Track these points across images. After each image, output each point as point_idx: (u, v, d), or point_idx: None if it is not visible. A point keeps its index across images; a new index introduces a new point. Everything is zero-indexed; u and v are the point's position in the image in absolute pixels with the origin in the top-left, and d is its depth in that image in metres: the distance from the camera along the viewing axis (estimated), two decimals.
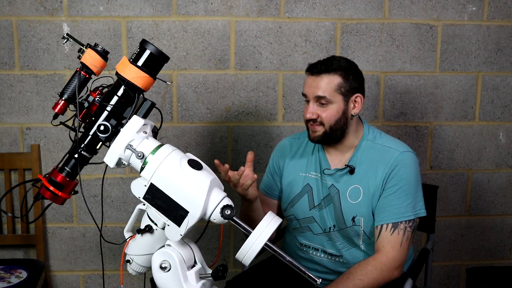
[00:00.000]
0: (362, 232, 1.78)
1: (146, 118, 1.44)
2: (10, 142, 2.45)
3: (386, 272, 1.71)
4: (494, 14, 2.52)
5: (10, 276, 2.21)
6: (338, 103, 1.75)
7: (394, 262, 1.72)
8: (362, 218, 1.77)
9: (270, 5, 2.42)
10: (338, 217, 1.81)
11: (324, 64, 1.75)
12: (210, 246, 2.59)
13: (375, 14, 2.47)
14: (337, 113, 1.75)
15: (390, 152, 1.77)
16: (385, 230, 1.73)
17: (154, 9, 2.39)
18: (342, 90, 1.74)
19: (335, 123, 1.75)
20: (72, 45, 2.37)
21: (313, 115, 1.75)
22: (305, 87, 1.79)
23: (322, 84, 1.73)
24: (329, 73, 1.73)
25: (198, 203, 1.33)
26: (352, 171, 1.79)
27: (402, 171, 1.74)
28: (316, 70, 1.75)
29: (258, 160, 2.54)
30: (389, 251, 1.72)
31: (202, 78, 2.45)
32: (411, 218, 1.73)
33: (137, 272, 1.50)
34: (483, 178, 2.66)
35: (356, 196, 1.78)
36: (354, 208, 1.78)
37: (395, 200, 1.73)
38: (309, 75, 1.78)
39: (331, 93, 1.73)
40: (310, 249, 1.88)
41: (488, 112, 2.60)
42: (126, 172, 2.51)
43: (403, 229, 1.72)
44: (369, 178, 1.77)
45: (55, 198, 1.45)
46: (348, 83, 1.75)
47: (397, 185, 1.74)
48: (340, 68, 1.75)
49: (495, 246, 2.74)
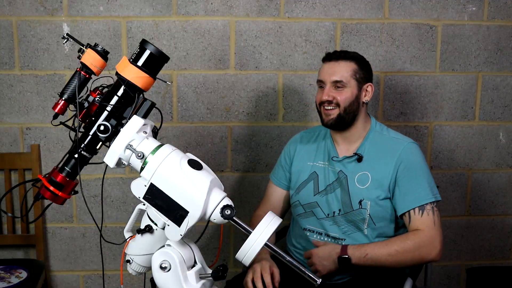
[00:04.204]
0: (368, 216, 1.85)
1: (146, 118, 1.43)
2: (10, 142, 2.45)
3: (425, 250, 1.78)
4: (494, 14, 2.52)
5: (10, 276, 2.21)
6: (352, 88, 1.88)
7: (433, 241, 1.79)
8: (369, 202, 1.85)
9: (270, 5, 2.42)
10: (345, 201, 1.88)
11: (342, 52, 1.93)
12: (210, 246, 2.59)
13: (375, 14, 2.47)
14: (351, 96, 1.87)
15: (399, 142, 1.89)
16: (415, 214, 1.81)
17: (154, 9, 2.39)
18: (357, 76, 1.88)
19: (349, 105, 1.87)
20: (72, 45, 2.37)
21: (329, 97, 1.87)
22: (322, 74, 1.91)
23: (340, 69, 1.88)
24: (346, 59, 1.89)
25: (198, 203, 1.33)
26: (360, 159, 1.89)
27: (412, 159, 1.86)
28: (335, 56, 1.90)
29: (258, 160, 2.54)
30: (426, 230, 1.79)
31: (202, 78, 2.45)
32: (433, 200, 1.82)
33: (137, 272, 1.50)
34: (483, 178, 2.66)
35: (364, 182, 1.87)
36: (362, 192, 1.86)
37: (414, 186, 1.82)
38: (326, 62, 1.92)
39: (347, 77, 1.87)
40: (313, 233, 1.94)
41: (488, 112, 2.60)
42: (126, 172, 2.51)
43: (431, 209, 1.81)
44: (378, 166, 1.86)
45: (55, 198, 1.45)
46: (362, 71, 1.90)
47: (412, 172, 1.83)
48: (355, 57, 1.91)
49: (495, 246, 2.74)
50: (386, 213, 1.87)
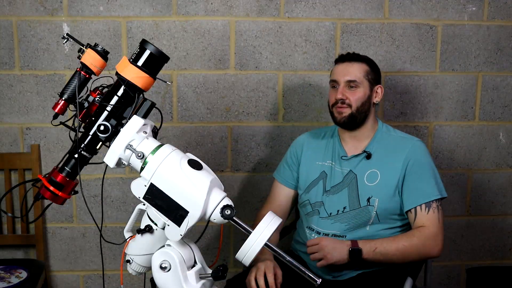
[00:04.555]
0: (374, 213, 1.88)
1: (146, 118, 1.43)
2: (10, 142, 2.45)
3: (429, 246, 1.85)
4: (494, 14, 2.52)
5: (10, 276, 2.21)
6: (364, 88, 1.94)
7: (436, 238, 1.85)
8: (377, 199, 1.88)
9: (270, 5, 2.42)
10: (353, 199, 1.91)
11: (355, 54, 2.00)
12: (210, 246, 2.59)
13: (375, 14, 2.47)
14: (364, 96, 1.93)
15: (406, 141, 1.95)
16: (421, 211, 1.86)
17: (154, 9, 2.39)
18: (369, 77, 1.95)
19: (361, 105, 1.92)
20: (72, 45, 2.37)
21: (343, 96, 1.92)
22: (336, 74, 1.97)
23: (353, 70, 1.94)
24: (360, 61, 1.96)
25: (198, 203, 1.33)
26: (369, 156, 1.94)
27: (421, 156, 1.91)
28: (348, 57, 1.98)
29: (258, 160, 2.54)
30: (430, 226, 1.86)
31: (202, 78, 2.45)
32: (439, 197, 1.88)
33: (137, 272, 1.50)
34: (483, 178, 2.66)
35: (374, 179, 1.90)
36: (371, 190, 1.89)
37: (421, 183, 1.87)
38: (339, 63, 1.99)
39: (360, 78, 1.93)
40: (313, 231, 1.95)
41: (488, 112, 2.60)
42: (126, 172, 2.51)
43: (436, 207, 1.87)
44: (387, 163, 1.90)
45: (55, 198, 1.45)
46: (373, 73, 1.98)
47: (420, 169, 1.88)
48: (367, 60, 1.99)
49: (495, 246, 2.74)
50: (393, 210, 1.90)
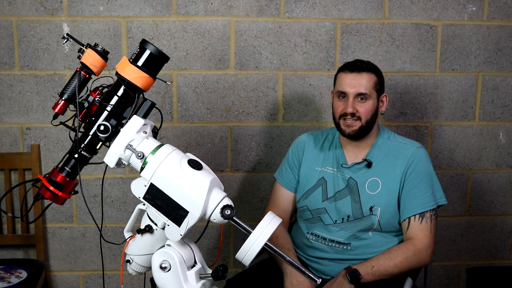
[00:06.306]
0: (377, 222, 1.87)
1: (146, 118, 1.44)
2: (10, 142, 2.45)
3: (422, 257, 1.85)
4: (494, 14, 2.52)
5: (10, 276, 2.21)
6: (373, 100, 1.90)
7: (428, 249, 1.85)
8: (379, 208, 1.86)
9: (270, 5, 2.42)
10: (355, 208, 1.89)
11: (363, 63, 1.91)
12: (210, 246, 2.59)
13: (375, 14, 2.47)
14: (373, 108, 1.89)
15: (406, 148, 1.91)
16: (414, 221, 1.85)
17: (154, 9, 2.39)
18: (377, 87, 1.90)
19: (370, 117, 1.89)
20: (72, 45, 2.37)
21: (353, 110, 1.86)
22: (344, 85, 1.88)
23: (364, 82, 1.87)
24: (369, 71, 1.89)
25: (198, 203, 1.33)
26: (370, 165, 1.91)
27: (420, 164, 1.88)
28: (357, 68, 1.88)
29: (259, 160, 2.54)
30: (422, 238, 1.84)
31: (202, 78, 2.45)
32: (434, 207, 1.87)
33: (137, 272, 1.50)
34: (483, 178, 2.66)
35: (375, 188, 1.89)
36: (373, 199, 1.87)
37: (418, 192, 1.86)
38: (348, 72, 1.89)
39: (370, 89, 1.88)
40: (319, 238, 1.94)
41: (488, 112, 2.60)
42: (126, 172, 2.51)
43: (430, 217, 1.86)
44: (388, 171, 1.88)
45: (55, 198, 1.45)
46: (380, 82, 1.92)
47: (418, 178, 1.86)
48: (375, 68, 1.92)
49: (495, 246, 2.74)
50: (395, 218, 1.89)
